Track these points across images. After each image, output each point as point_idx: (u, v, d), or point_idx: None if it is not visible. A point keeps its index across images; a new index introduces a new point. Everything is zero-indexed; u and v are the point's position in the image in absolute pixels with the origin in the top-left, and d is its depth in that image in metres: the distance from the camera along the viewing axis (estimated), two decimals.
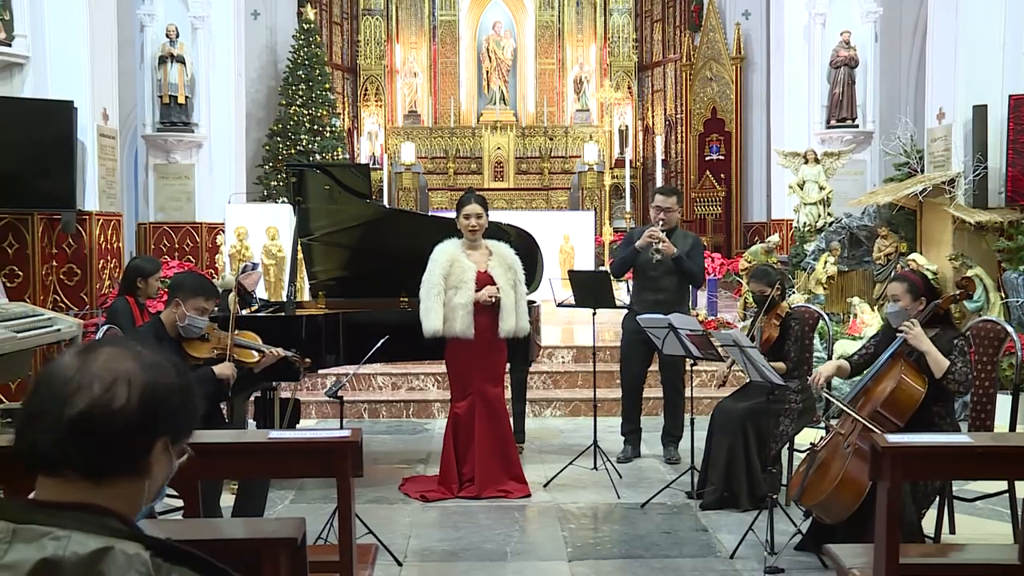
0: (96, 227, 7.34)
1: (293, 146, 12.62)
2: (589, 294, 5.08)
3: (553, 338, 7.65)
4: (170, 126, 10.17)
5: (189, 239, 10.30)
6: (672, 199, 5.14)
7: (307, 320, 4.47)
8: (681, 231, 5.31)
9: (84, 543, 0.96)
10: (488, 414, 4.49)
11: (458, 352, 4.47)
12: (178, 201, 10.37)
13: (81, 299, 7.18)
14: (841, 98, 10.41)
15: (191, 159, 10.39)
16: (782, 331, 4.38)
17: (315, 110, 12.83)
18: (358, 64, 14.83)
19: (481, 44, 15.08)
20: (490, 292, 4.41)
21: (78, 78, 7.19)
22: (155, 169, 10.37)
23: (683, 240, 5.18)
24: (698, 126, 14.42)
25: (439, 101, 15.21)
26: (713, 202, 14.14)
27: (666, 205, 5.10)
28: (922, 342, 3.37)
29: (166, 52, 10.03)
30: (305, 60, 12.96)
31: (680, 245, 5.11)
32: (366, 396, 6.67)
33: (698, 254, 5.22)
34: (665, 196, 5.15)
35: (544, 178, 14.77)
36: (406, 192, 14.50)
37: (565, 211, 13.54)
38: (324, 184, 4.85)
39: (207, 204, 10.30)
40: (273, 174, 12.50)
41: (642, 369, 5.33)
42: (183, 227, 10.34)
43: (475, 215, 4.48)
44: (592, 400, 5.32)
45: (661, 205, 5.12)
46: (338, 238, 5.10)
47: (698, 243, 5.30)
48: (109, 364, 1.05)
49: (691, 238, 5.28)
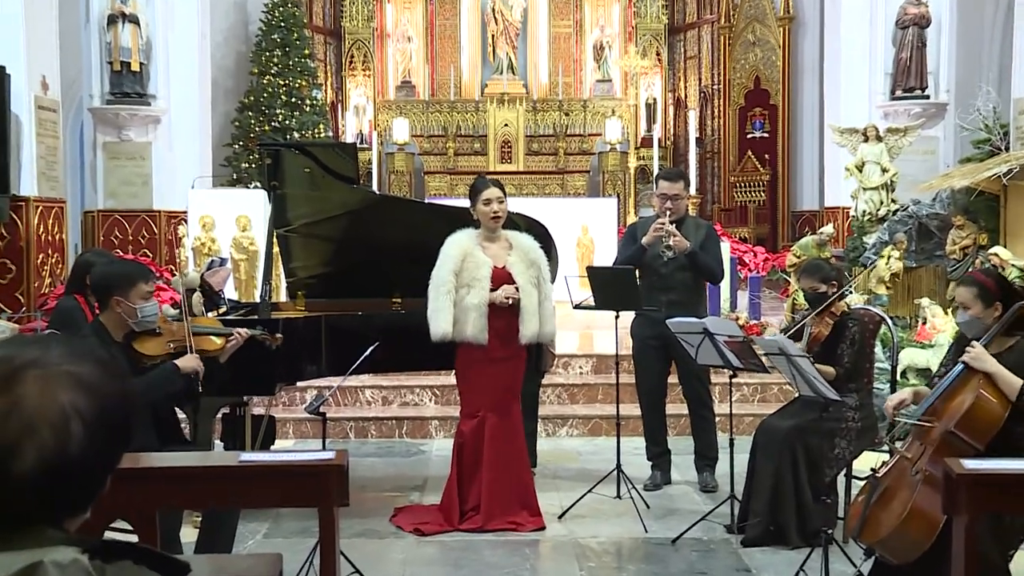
0: (34, 215, 7.35)
1: (267, 122, 12.67)
2: (611, 294, 5.07)
3: (569, 345, 7.63)
4: (122, 97, 10.18)
5: (145, 230, 10.34)
6: (679, 184, 5.17)
7: (284, 324, 4.49)
8: (692, 220, 5.35)
9: (8, 565, 0.95)
10: (501, 433, 4.51)
11: (470, 360, 4.49)
12: (132, 186, 10.41)
13: (16, 300, 7.19)
14: (909, 64, 10.35)
15: (147, 136, 10.43)
16: (835, 331, 4.36)
17: (293, 80, 12.87)
18: (343, 27, 14.87)
19: (486, 4, 15.09)
20: (506, 292, 4.42)
21: (10, 40, 7.14)
22: (104, 148, 10.40)
23: (695, 231, 5.19)
24: (738, 99, 14.41)
25: (437, 70, 15.23)
26: (756, 187, 14.13)
27: (673, 192, 5.11)
28: (986, 363, 3.30)
29: (116, 10, 10.03)
30: (281, 21, 13.00)
31: (692, 237, 5.12)
32: (352, 412, 6.67)
33: (714, 245, 5.24)
34: (671, 181, 5.15)
35: (559, 160, 14.77)
36: (399, 176, 14.53)
37: (583, 198, 13.54)
38: (304, 166, 4.86)
39: (166, 189, 10.34)
40: (244, 154, 12.51)
41: (659, 380, 5.35)
42: (138, 216, 10.37)
43: (497, 199, 4.51)
44: (614, 417, 5.32)
45: (667, 192, 5.13)
46: (320, 229, 5.11)
47: (712, 233, 5.32)
48: (46, 397, 1.01)
49: (704, 228, 5.30)
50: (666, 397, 5.41)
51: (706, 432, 5.32)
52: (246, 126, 12.74)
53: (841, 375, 4.30)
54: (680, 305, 5.01)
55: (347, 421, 6.58)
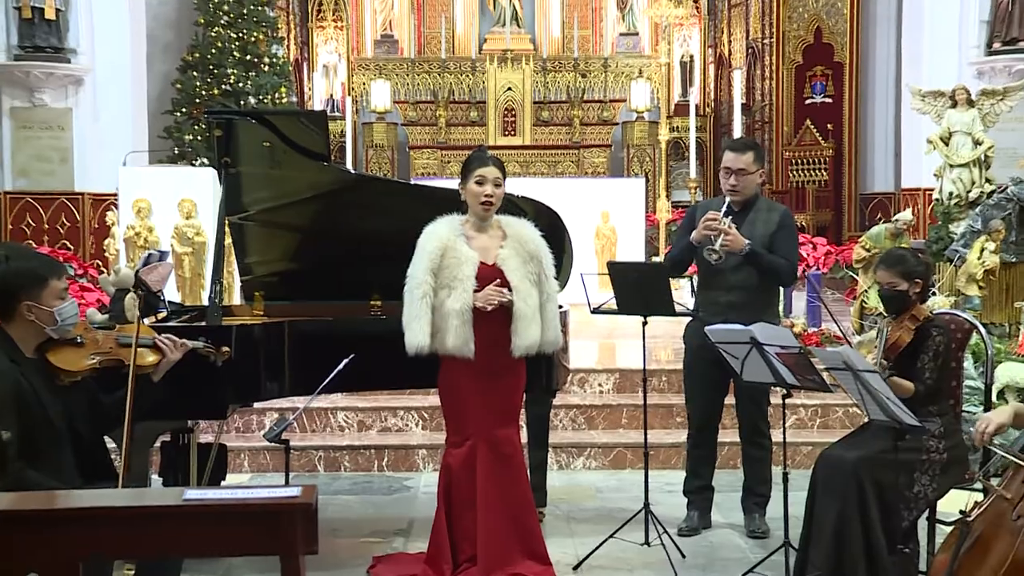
0: None
1: (216, 84, 12.66)
2: (637, 295, 5.05)
3: (587, 358, 7.59)
4: (34, 52, 10.19)
5: (65, 216, 10.36)
6: (748, 156, 5.12)
7: (238, 332, 4.46)
8: (765, 202, 5.31)
9: None
10: (496, 465, 4.49)
11: (454, 376, 4.49)
12: (48, 162, 10.43)
13: None
14: (1011, 8, 10.30)
15: (66, 101, 10.45)
16: (917, 339, 4.36)
17: (247, 33, 12.87)
18: None
19: None
20: (488, 296, 4.39)
21: None
22: (12, 115, 10.43)
23: (766, 216, 5.16)
24: (795, 55, 14.41)
25: (425, 22, 15.26)
26: (816, 164, 14.13)
27: (739, 165, 5.09)
28: None
29: None
30: None
31: (761, 225, 5.10)
32: (322, 440, 6.70)
33: (788, 237, 5.19)
34: (737, 153, 5.12)
35: (574, 131, 14.79)
36: (379, 151, 14.56)
37: (604, 178, 13.54)
38: (262, 139, 4.84)
39: (91, 167, 10.37)
40: (188, 124, 12.52)
41: (715, 401, 5.33)
42: (55, 199, 10.40)
43: (492, 180, 4.49)
44: (642, 446, 5.30)
45: (731, 166, 5.11)
46: (282, 216, 5.11)
47: (788, 220, 5.26)
48: None
49: (777, 213, 5.24)
50: (719, 421, 5.41)
51: (759, 465, 5.32)
52: (190, 89, 12.69)
53: (921, 393, 4.29)
54: (743, 309, 4.95)
55: (316, 451, 6.57)
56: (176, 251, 8.46)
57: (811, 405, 6.83)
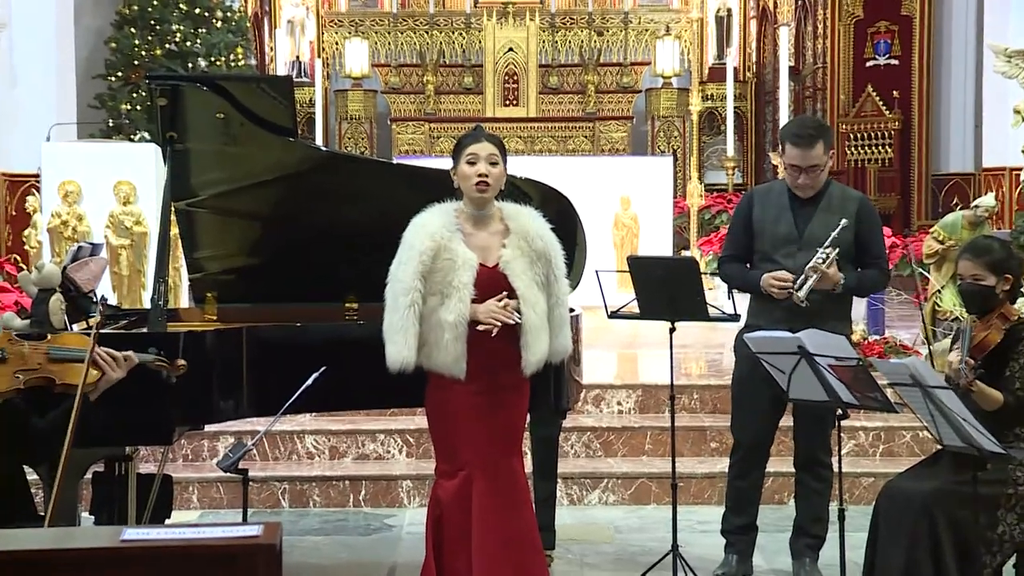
0: None
1: (159, 43, 12.63)
2: (664, 296, 5.05)
3: (603, 371, 7.61)
4: None
5: None
6: (818, 148, 4.97)
7: (187, 340, 4.45)
8: (839, 190, 5.20)
9: None
10: (495, 500, 4.47)
11: (445, 395, 4.48)
12: None
13: None
14: None
15: None
16: (1007, 342, 4.37)
17: None
18: None
19: None
20: (493, 313, 4.34)
21: None
22: None
23: (841, 208, 5.03)
24: (854, 8, 14.39)
25: None
26: (879, 139, 14.12)
27: (810, 162, 4.99)
28: None
29: None
30: None
31: (836, 219, 4.95)
32: (287, 470, 6.69)
33: (873, 233, 5.13)
34: (803, 148, 4.97)
35: (588, 101, 14.78)
36: (355, 124, 14.56)
37: (624, 157, 13.50)
38: (215, 110, 4.82)
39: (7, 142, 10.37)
40: (125, 91, 12.52)
41: (767, 422, 5.31)
42: None
43: (487, 158, 4.45)
44: (668, 477, 5.30)
45: (799, 163, 5.00)
46: (240, 202, 5.12)
47: (868, 211, 5.14)
48: None
49: (855, 203, 5.09)
50: (771, 446, 5.39)
51: (816, 499, 5.28)
52: (127, 49, 12.69)
53: (1012, 406, 4.29)
54: (813, 316, 4.82)
55: (279, 482, 6.56)
56: (111, 243, 8.41)
57: (872, 428, 6.81)
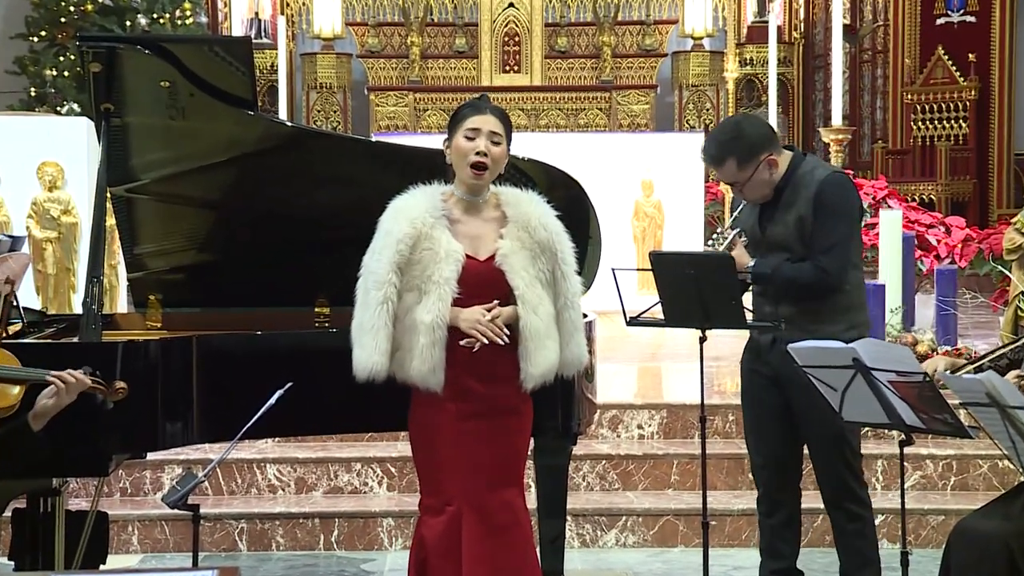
0: None
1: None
2: (693, 300, 4.90)
3: (621, 388, 7.56)
4: None
5: None
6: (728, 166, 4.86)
7: (126, 352, 4.41)
8: (805, 176, 4.92)
9: None
10: (489, 541, 4.36)
11: (430, 415, 4.36)
12: None
13: None
14: None
15: None
16: None
17: None
18: None
19: None
20: (477, 326, 4.18)
21: None
22: None
23: (796, 201, 4.85)
24: None
25: None
26: (952, 112, 14.00)
27: (728, 180, 5.07)
28: None
29: None
30: None
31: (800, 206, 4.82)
32: (245, 506, 6.55)
33: (822, 221, 4.85)
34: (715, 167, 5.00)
35: (603, 66, 14.77)
36: (325, 94, 14.75)
37: (646, 133, 13.46)
38: (160, 77, 4.77)
39: None
40: (50, 55, 12.43)
41: (785, 446, 5.13)
42: None
43: (489, 134, 4.30)
44: (699, 514, 5.20)
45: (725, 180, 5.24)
46: (189, 187, 5.11)
47: (825, 194, 4.85)
48: None
49: (812, 188, 4.86)
50: (797, 472, 5.19)
51: (855, 541, 5.04)
52: (52, 5, 12.58)
53: None
54: (800, 319, 4.84)
55: (236, 520, 6.41)
56: (35, 236, 8.25)
57: (943, 457, 6.64)
